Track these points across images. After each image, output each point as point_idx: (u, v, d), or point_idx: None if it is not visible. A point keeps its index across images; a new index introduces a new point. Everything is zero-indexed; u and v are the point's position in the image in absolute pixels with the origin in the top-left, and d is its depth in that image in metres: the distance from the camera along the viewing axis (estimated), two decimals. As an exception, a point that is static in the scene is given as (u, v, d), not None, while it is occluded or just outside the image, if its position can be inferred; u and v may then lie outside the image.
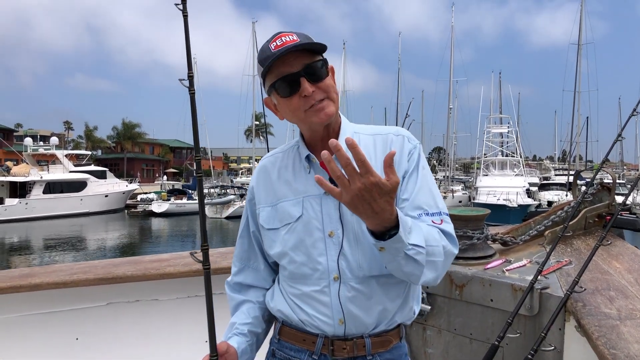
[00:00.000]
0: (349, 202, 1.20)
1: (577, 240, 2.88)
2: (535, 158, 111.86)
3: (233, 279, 1.73)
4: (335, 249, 1.47)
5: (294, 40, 1.41)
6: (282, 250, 1.53)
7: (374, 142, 1.56)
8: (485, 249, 2.65)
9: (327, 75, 1.48)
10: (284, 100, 1.46)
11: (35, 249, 27.52)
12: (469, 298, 2.42)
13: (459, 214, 2.65)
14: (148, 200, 46.87)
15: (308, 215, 1.50)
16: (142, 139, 71.93)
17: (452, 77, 57.96)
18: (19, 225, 34.84)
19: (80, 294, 2.86)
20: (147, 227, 36.72)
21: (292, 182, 1.55)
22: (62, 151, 44.33)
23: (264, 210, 1.59)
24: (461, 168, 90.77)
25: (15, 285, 2.68)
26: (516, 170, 41.73)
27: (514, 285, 2.27)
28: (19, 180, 38.93)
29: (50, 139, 47.44)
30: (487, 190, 36.28)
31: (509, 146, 46.27)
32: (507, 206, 31.84)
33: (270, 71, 1.44)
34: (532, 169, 61.98)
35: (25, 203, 38.34)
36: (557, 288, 2.21)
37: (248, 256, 1.71)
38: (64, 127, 76.47)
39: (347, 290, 1.46)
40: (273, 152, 1.69)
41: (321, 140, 1.54)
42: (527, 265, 2.50)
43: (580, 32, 51.50)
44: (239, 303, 1.70)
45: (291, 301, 1.55)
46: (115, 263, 3.01)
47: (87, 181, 42.39)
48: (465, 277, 2.44)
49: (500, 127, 48.09)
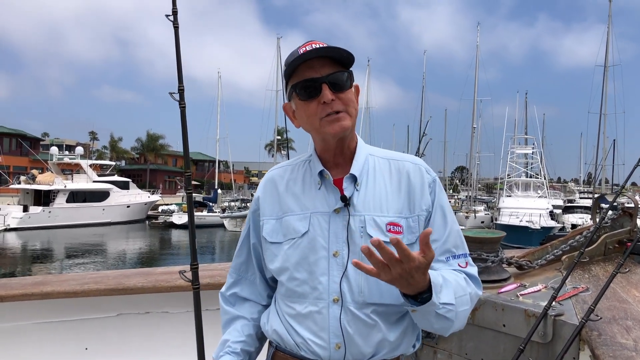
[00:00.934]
0: (387, 281, 1.24)
1: (596, 266, 2.80)
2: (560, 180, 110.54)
3: (228, 290, 1.69)
4: (338, 269, 1.43)
5: (323, 46, 1.41)
6: (283, 266, 1.49)
7: (389, 166, 1.54)
8: (500, 272, 2.59)
9: (350, 88, 1.47)
10: (302, 104, 1.45)
11: (56, 257, 27.86)
12: (481, 322, 2.36)
13: (473, 235, 2.60)
14: (169, 211, 47.26)
15: (314, 232, 1.46)
16: (165, 151, 72.71)
17: (476, 97, 57.67)
18: (42, 233, 35.33)
19: (91, 304, 2.87)
20: (167, 238, 36.96)
21: (300, 196, 1.52)
22: (86, 161, 45.02)
23: (268, 223, 1.55)
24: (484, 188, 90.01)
25: (27, 292, 2.70)
26: (540, 192, 41.17)
27: (527, 310, 2.21)
28: (43, 188, 39.58)
29: (75, 148, 48.31)
30: (510, 212, 35.83)
31: (533, 167, 45.77)
32: (530, 228, 31.39)
33: (295, 73, 1.44)
34: (557, 191, 61.19)
35: (49, 211, 38.94)
36: (572, 315, 2.14)
37: (246, 268, 1.68)
38: (89, 137, 77.70)
39: (346, 314, 1.42)
40: (282, 165, 1.66)
41: (334, 156, 1.52)
42: (542, 291, 2.43)
43: (607, 53, 50.98)
44: (232, 318, 1.65)
45: (287, 322, 1.50)
46: (127, 274, 3.01)
47: (110, 191, 42.94)
48: (478, 301, 2.37)
49: (524, 147, 47.62)
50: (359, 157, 1.52)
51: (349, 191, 1.47)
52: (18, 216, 36.92)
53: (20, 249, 30.13)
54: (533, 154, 46.14)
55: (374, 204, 1.47)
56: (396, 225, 1.45)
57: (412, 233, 1.46)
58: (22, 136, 59.18)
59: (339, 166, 1.53)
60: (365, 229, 1.44)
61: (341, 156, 1.52)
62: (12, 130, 58.70)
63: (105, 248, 30.96)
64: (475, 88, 57.64)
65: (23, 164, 55.77)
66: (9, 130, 58.06)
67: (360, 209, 1.45)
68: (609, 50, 51.00)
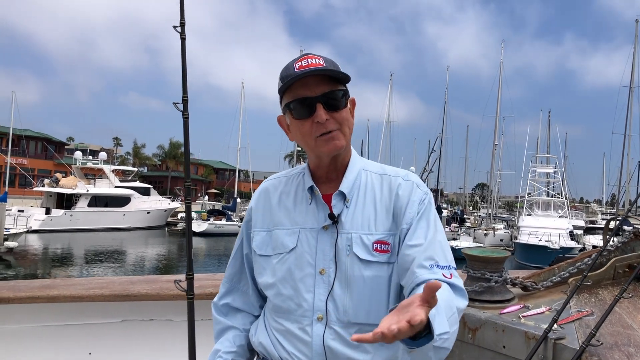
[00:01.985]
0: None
1: (604, 290, 2.75)
2: (582, 200, 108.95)
3: (221, 300, 1.68)
4: (324, 287, 1.42)
5: (320, 65, 1.39)
6: (270, 281, 1.49)
7: (380, 182, 1.52)
8: (504, 292, 2.56)
9: (345, 107, 1.45)
10: (296, 122, 1.44)
11: (76, 260, 28.16)
12: (481, 343, 2.33)
13: (478, 254, 2.58)
14: (188, 219, 47.41)
15: (302, 249, 1.45)
16: (187, 159, 73.20)
17: (498, 114, 57.27)
18: (63, 236, 35.76)
19: (96, 309, 2.90)
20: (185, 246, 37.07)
21: (291, 210, 1.52)
22: (109, 166, 45.65)
23: (259, 235, 1.55)
24: (505, 206, 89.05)
25: (33, 295, 2.74)
26: (560, 212, 40.63)
27: (527, 332, 2.18)
28: (66, 192, 40.15)
29: (99, 153, 48.94)
30: (529, 231, 35.36)
31: (554, 187, 45.21)
32: (549, 248, 30.97)
33: (289, 90, 1.43)
34: (578, 211, 60.24)
35: (70, 215, 39.46)
36: (573, 339, 2.11)
37: (239, 278, 1.67)
38: (113, 143, 78.77)
39: (329, 333, 1.41)
40: (277, 175, 1.65)
41: (326, 172, 1.51)
42: (545, 313, 2.40)
43: (632, 74, 50.42)
44: (224, 328, 1.65)
45: (273, 336, 1.50)
46: (133, 281, 3.04)
47: (131, 197, 43.38)
48: (479, 320, 2.35)
49: (546, 166, 47.08)
50: (349, 174, 1.50)
51: (337, 208, 1.46)
52: (40, 218, 37.48)
53: (41, 251, 30.51)
54: (555, 173, 45.62)
55: (362, 222, 1.45)
56: (384, 243, 1.43)
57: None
58: (47, 140, 60.20)
59: (331, 181, 1.52)
60: (351, 248, 1.42)
61: (334, 172, 1.52)
62: (38, 134, 59.78)
63: (124, 253, 31.23)
64: (498, 105, 57.26)
65: (47, 167, 56.67)
66: (35, 133, 59.11)
67: (348, 227, 1.44)
68: (635, 71, 50.43)
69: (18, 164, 49.74)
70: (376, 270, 1.41)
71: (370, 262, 1.41)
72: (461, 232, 50.69)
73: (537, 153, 51.76)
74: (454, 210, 76.07)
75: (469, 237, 45.72)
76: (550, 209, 41.45)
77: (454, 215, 65.58)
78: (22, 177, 51.43)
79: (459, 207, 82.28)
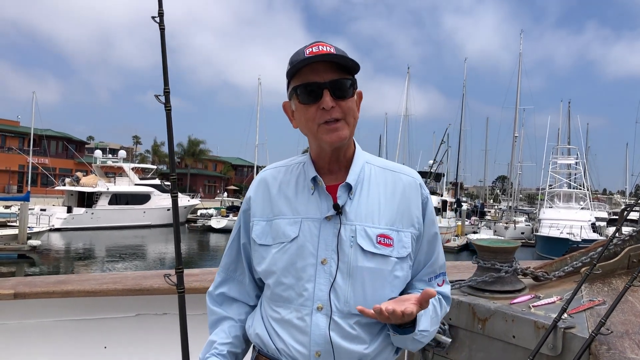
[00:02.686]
0: (384, 322, 1.38)
1: (618, 279, 2.72)
2: (606, 192, 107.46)
3: (216, 290, 1.67)
4: (325, 277, 1.42)
5: (330, 52, 1.39)
6: (271, 269, 1.48)
7: (385, 177, 1.54)
8: (514, 283, 2.54)
9: (352, 96, 1.45)
10: (302, 107, 1.45)
11: (97, 257, 28.54)
12: (491, 333, 2.32)
13: (487, 245, 2.56)
14: (207, 215, 47.83)
15: (304, 238, 1.45)
16: (205, 156, 73.79)
17: (518, 105, 56.70)
18: (85, 234, 36.23)
19: (110, 303, 2.93)
20: (205, 242, 37.45)
21: (292, 200, 1.51)
22: (129, 164, 46.09)
23: (258, 224, 1.54)
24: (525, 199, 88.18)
25: (49, 291, 2.78)
26: (582, 204, 40.13)
27: (537, 322, 2.16)
28: (87, 190, 40.67)
29: (118, 152, 49.44)
30: (550, 223, 35.01)
31: (576, 178, 44.64)
32: (570, 240, 30.62)
33: (298, 75, 1.43)
34: (601, 203, 59.42)
35: (92, 213, 39.94)
36: (583, 328, 2.09)
37: (235, 268, 1.66)
38: (133, 141, 79.50)
39: (329, 322, 1.41)
40: (275, 165, 1.65)
41: (328, 162, 1.51)
42: (556, 303, 2.37)
43: (656, 62, 49.40)
44: (219, 319, 1.64)
45: (270, 326, 1.49)
46: (146, 275, 3.07)
47: (150, 194, 43.75)
48: (489, 311, 2.34)
49: (567, 158, 46.50)
50: (355, 166, 1.51)
51: (342, 199, 1.46)
52: (62, 217, 37.98)
53: (64, 249, 30.97)
54: (576, 165, 45.04)
55: (366, 215, 1.46)
56: (387, 237, 1.45)
57: (403, 247, 1.47)
58: (68, 139, 61.05)
59: (333, 173, 1.52)
60: (355, 239, 1.43)
61: (336, 163, 1.52)
62: (58, 134, 60.62)
63: (145, 250, 31.55)
64: (518, 96, 56.71)
65: (68, 167, 57.47)
66: (55, 133, 59.95)
67: (352, 218, 1.45)
68: (659, 59, 49.41)
69: (40, 164, 50.51)
70: (378, 263, 1.42)
71: (373, 254, 1.43)
72: (481, 226, 50.36)
73: (558, 144, 51.11)
74: (474, 203, 75.58)
75: (489, 231, 45.38)
76: (572, 201, 40.96)
77: (474, 209, 65.15)
78: (44, 176, 52.17)
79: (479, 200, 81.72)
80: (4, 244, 25.69)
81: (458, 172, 64.32)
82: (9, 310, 2.86)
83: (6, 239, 26.41)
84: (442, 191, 45.87)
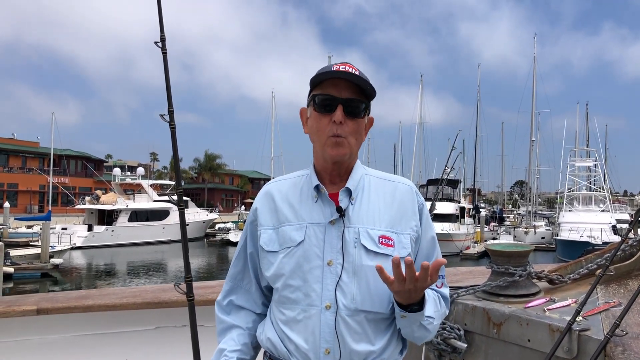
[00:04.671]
0: (396, 291, 1.40)
1: (634, 281, 2.71)
2: (627, 194, 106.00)
3: (224, 299, 1.74)
4: (332, 277, 1.49)
5: (355, 73, 1.51)
6: (279, 273, 1.55)
7: (383, 185, 1.64)
8: (529, 286, 2.55)
9: (362, 118, 1.56)
10: (316, 115, 1.55)
11: (119, 274, 28.79)
12: (506, 337, 2.33)
13: (501, 249, 2.57)
14: (226, 229, 48.05)
15: (309, 242, 1.52)
16: (222, 170, 74.21)
17: (534, 109, 56.33)
18: (105, 251, 36.58)
19: (130, 317, 2.98)
20: (224, 256, 37.60)
21: (297, 208, 1.59)
22: (147, 181, 46.55)
23: (266, 233, 1.61)
24: (545, 203, 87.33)
25: (70, 306, 2.84)
26: (602, 206, 39.65)
27: (551, 325, 2.17)
28: (106, 208, 41.09)
29: (137, 169, 49.93)
30: (570, 227, 34.65)
31: (595, 181, 44.12)
32: (591, 243, 30.22)
33: (320, 85, 1.54)
34: (622, 205, 58.63)
35: (112, 230, 40.34)
36: (598, 330, 2.09)
37: (242, 277, 1.73)
38: (150, 158, 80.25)
39: (337, 320, 1.47)
40: (279, 179, 1.73)
41: (330, 174, 1.60)
42: (571, 305, 2.37)
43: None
44: (228, 327, 1.70)
45: (280, 329, 1.55)
46: (165, 288, 3.12)
47: (169, 210, 44.02)
48: (503, 315, 2.35)
49: (585, 160, 45.97)
50: (355, 174, 1.61)
51: (344, 203, 1.55)
52: (83, 235, 38.40)
53: (85, 266, 31.29)
54: (595, 167, 44.52)
55: (368, 217, 1.55)
56: (388, 238, 1.54)
57: (403, 248, 1.55)
58: (86, 158, 61.88)
59: (334, 184, 1.60)
60: (359, 240, 1.51)
61: (337, 176, 1.61)
62: (77, 153, 61.49)
63: (166, 266, 31.80)
64: (533, 100, 56.38)
65: (88, 185, 58.21)
66: (74, 153, 60.84)
67: (355, 221, 1.54)
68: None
69: (60, 183, 51.12)
70: (381, 262, 1.48)
71: (377, 253, 1.51)
72: (501, 231, 49.90)
73: (576, 147, 50.58)
74: (492, 209, 74.97)
75: (509, 236, 44.99)
76: (592, 204, 40.49)
77: (493, 215, 64.61)
78: (64, 195, 52.89)
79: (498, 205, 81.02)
80: (27, 263, 26.05)
81: (475, 179, 63.98)
82: (32, 325, 2.92)
83: (29, 258, 26.79)
84: (459, 198, 45.52)
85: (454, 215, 39.45)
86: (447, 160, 25.98)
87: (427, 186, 40.83)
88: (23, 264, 25.76)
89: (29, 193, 54.41)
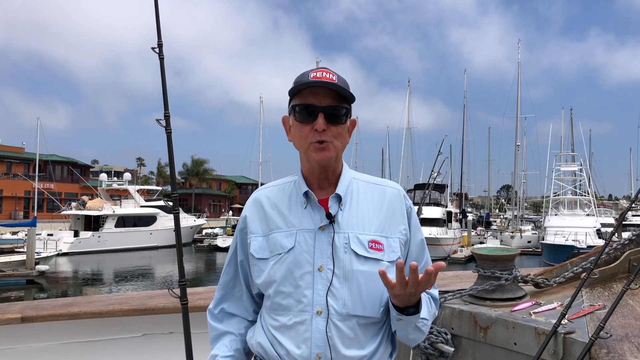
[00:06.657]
0: (396, 295, 1.42)
1: (618, 284, 2.74)
2: (611, 197, 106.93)
3: (216, 307, 1.75)
4: (323, 283, 1.50)
5: (332, 80, 1.51)
6: (270, 279, 1.55)
7: (372, 190, 1.65)
8: (515, 290, 2.57)
9: (344, 123, 1.57)
10: (298, 124, 1.56)
11: (105, 280, 28.54)
12: (493, 341, 2.35)
13: (487, 253, 2.59)
14: (213, 235, 47.82)
15: (300, 248, 1.53)
16: (209, 175, 73.91)
17: (519, 114, 56.67)
18: (92, 257, 36.21)
19: (116, 324, 2.96)
20: (212, 261, 37.40)
21: (286, 214, 1.60)
22: (134, 186, 46.18)
23: (256, 240, 1.62)
24: (531, 207, 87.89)
25: (56, 313, 2.82)
26: (587, 210, 40.04)
27: (537, 328, 2.19)
28: (93, 214, 40.71)
29: (123, 174, 49.59)
30: (555, 231, 34.95)
31: (580, 185, 44.50)
32: (576, 247, 30.45)
33: (299, 95, 1.55)
34: (607, 208, 59.13)
35: (98, 236, 39.95)
36: (583, 333, 2.11)
37: (233, 285, 1.74)
38: (137, 163, 79.81)
39: (328, 325, 1.48)
40: (267, 185, 1.74)
41: (318, 178, 1.61)
42: (557, 309, 2.40)
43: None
44: (220, 334, 1.71)
45: (271, 335, 1.56)
46: (152, 295, 3.10)
47: (156, 216, 43.75)
48: (490, 319, 2.37)
49: (570, 165, 46.40)
50: (343, 180, 1.62)
51: (333, 209, 1.56)
52: (69, 241, 37.93)
53: (72, 273, 30.95)
54: (580, 171, 44.93)
55: (357, 222, 1.56)
56: (377, 243, 1.55)
57: (392, 252, 1.57)
58: (73, 164, 61.34)
59: (323, 189, 1.61)
60: (349, 245, 1.53)
61: (326, 180, 1.62)
62: (63, 159, 60.96)
63: (153, 272, 31.53)
64: (518, 105, 56.72)
65: (74, 191, 57.68)
66: (60, 158, 60.31)
67: (344, 226, 1.55)
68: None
69: (45, 189, 50.68)
70: (371, 266, 1.51)
71: (366, 258, 1.53)
72: (488, 236, 50.16)
73: (561, 151, 51.02)
74: (479, 213, 75.34)
75: (495, 240, 45.23)
76: (577, 208, 40.88)
77: (480, 219, 64.94)
78: (50, 201, 52.37)
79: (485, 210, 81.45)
80: (13, 270, 25.74)
81: (462, 183, 64.30)
82: (17, 334, 2.89)
83: (14, 265, 26.47)
84: (446, 202, 45.72)
85: (441, 220, 39.64)
86: (434, 165, 26.06)
87: (414, 191, 40.92)
88: (8, 270, 25.45)
89: (14, 199, 53.80)
